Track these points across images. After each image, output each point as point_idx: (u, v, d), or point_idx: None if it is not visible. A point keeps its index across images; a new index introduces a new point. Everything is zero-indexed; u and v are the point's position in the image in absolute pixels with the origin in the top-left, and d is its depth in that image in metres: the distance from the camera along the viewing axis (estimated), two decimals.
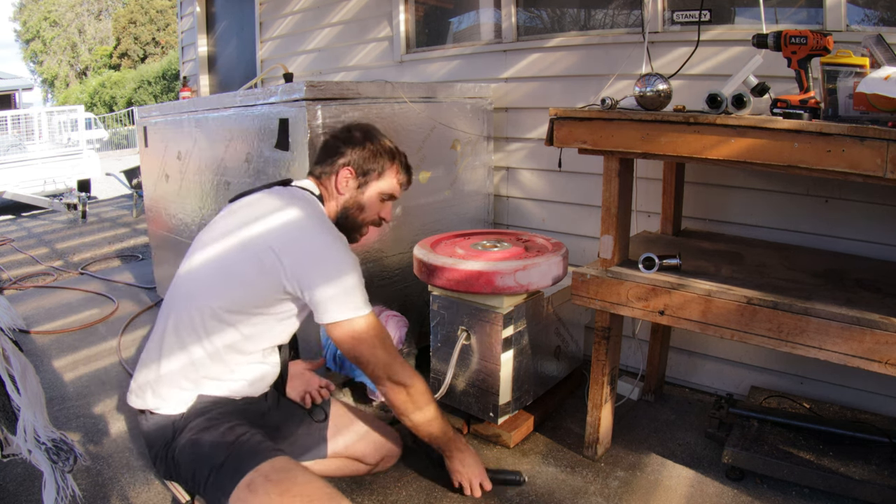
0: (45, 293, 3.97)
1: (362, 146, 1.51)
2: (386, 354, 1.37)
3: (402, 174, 1.57)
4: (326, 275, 1.30)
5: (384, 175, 1.53)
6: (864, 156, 1.31)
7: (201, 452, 1.24)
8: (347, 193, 1.50)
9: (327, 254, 1.32)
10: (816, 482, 1.71)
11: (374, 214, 1.55)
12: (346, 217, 1.51)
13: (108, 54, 28.52)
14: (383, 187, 1.53)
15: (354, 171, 1.50)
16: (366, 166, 1.50)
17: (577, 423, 2.18)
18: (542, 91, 2.74)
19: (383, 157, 1.52)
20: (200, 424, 1.29)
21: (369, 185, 1.51)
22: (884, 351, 1.37)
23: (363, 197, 1.51)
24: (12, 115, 9.61)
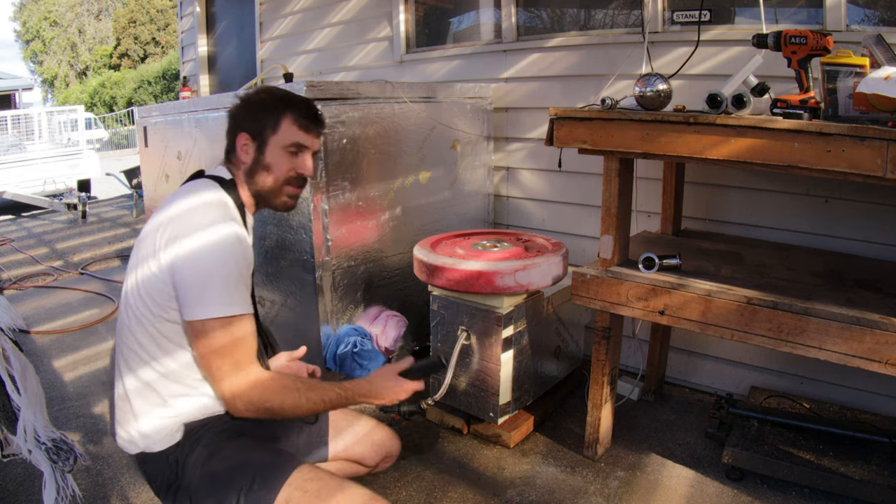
0: (45, 293, 3.97)
1: (248, 106, 1.38)
2: (233, 370, 1.20)
3: (302, 118, 1.37)
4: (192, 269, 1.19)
5: (280, 126, 1.36)
6: (864, 156, 1.31)
7: (220, 481, 1.21)
8: (249, 159, 1.37)
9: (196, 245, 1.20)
10: (816, 482, 1.71)
11: (286, 171, 1.37)
12: (256, 183, 1.38)
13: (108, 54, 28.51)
14: (284, 139, 1.36)
15: (249, 133, 1.36)
16: (257, 125, 1.36)
17: (577, 423, 2.18)
18: (542, 91, 2.74)
19: (274, 107, 1.36)
20: (203, 455, 1.25)
21: (268, 142, 1.36)
22: (884, 351, 1.37)
23: (265, 157, 1.36)
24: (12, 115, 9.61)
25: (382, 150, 2.35)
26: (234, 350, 1.20)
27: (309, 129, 1.39)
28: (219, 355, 1.20)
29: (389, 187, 2.40)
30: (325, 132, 2.12)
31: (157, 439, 1.26)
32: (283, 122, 1.36)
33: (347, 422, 1.62)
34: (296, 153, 1.38)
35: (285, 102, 1.38)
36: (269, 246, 2.38)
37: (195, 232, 1.20)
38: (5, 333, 1.60)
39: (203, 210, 1.24)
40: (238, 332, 1.21)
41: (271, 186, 1.38)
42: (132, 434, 1.27)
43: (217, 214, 1.24)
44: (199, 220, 1.22)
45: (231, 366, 1.20)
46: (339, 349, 2.20)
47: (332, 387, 1.34)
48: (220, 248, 1.21)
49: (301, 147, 1.38)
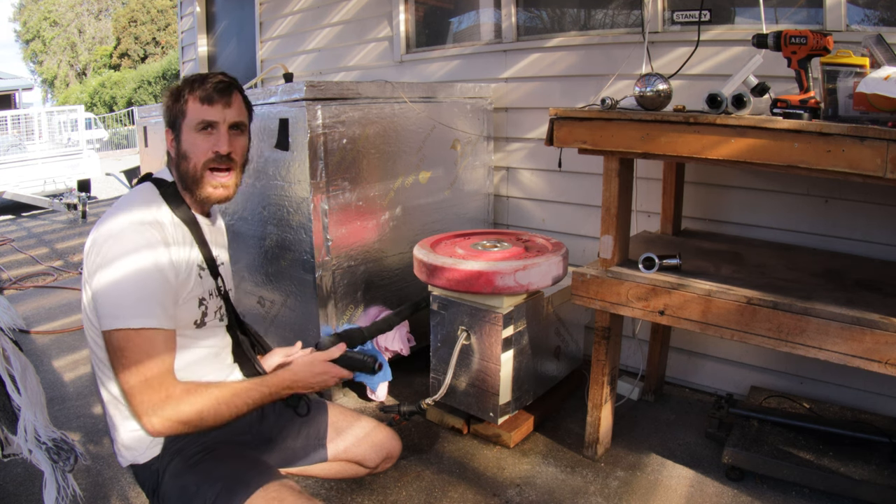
0: (45, 293, 3.97)
1: (164, 100, 1.34)
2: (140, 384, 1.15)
3: (203, 91, 1.30)
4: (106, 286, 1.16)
5: (187, 108, 1.30)
6: (864, 156, 1.31)
7: (189, 492, 1.22)
8: (173, 152, 1.33)
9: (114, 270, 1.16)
10: (816, 482, 1.71)
11: (202, 154, 1.30)
12: (183, 174, 1.32)
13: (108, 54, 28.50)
14: (192, 120, 1.30)
15: (169, 127, 1.33)
16: (172, 115, 1.32)
17: (577, 423, 2.18)
18: (542, 91, 2.74)
19: (179, 92, 1.31)
20: (179, 466, 1.25)
21: (181, 129, 1.31)
22: (884, 351, 1.37)
23: (183, 146, 1.31)
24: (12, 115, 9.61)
25: (382, 150, 2.35)
26: (141, 367, 1.15)
27: (213, 100, 1.29)
28: (126, 370, 1.15)
29: (389, 187, 2.40)
30: (325, 132, 2.12)
31: (139, 451, 1.26)
32: (188, 104, 1.30)
33: (348, 422, 1.61)
34: (209, 132, 1.30)
35: (187, 83, 1.32)
36: (269, 246, 2.38)
37: (112, 261, 1.16)
38: (5, 333, 1.60)
39: (122, 236, 1.19)
40: (146, 347, 1.15)
41: (194, 175, 1.30)
42: (118, 444, 1.28)
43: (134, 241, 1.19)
44: (116, 248, 1.17)
45: (139, 382, 1.15)
46: None
47: (254, 384, 1.28)
48: (131, 270, 1.16)
49: (211, 123, 1.30)
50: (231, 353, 1.46)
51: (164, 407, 1.15)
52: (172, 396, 1.16)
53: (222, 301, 1.40)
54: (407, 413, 2.03)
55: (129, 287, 1.15)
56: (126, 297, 1.15)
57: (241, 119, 1.34)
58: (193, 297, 1.30)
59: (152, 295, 1.17)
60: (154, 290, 1.18)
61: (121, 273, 1.15)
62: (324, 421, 1.57)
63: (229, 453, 1.30)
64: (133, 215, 1.22)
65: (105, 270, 1.16)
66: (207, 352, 1.36)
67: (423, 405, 2.03)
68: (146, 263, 1.17)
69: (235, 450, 1.32)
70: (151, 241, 1.20)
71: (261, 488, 1.20)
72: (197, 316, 1.31)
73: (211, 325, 1.36)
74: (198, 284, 1.31)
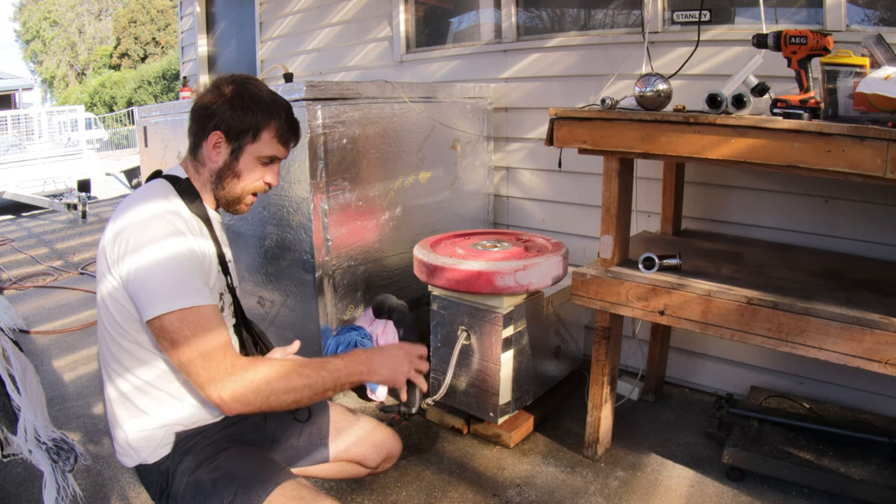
0: (45, 293, 3.97)
1: (231, 103, 1.26)
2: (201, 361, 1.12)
3: (285, 131, 1.30)
4: (142, 275, 1.14)
5: (261, 136, 1.27)
6: (864, 156, 1.31)
7: (204, 492, 1.20)
8: (220, 161, 1.28)
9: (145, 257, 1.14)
10: (816, 482, 1.71)
11: (255, 180, 1.31)
12: (223, 188, 1.31)
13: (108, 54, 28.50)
14: (262, 150, 1.28)
15: (225, 133, 1.26)
16: (237, 126, 1.26)
17: (577, 423, 2.18)
18: (542, 91, 2.74)
19: (258, 112, 1.27)
20: (191, 465, 1.23)
21: (244, 149, 1.28)
22: (884, 351, 1.37)
23: (238, 165, 1.28)
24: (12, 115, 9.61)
25: (382, 150, 2.35)
26: (199, 342, 1.13)
27: (288, 143, 1.32)
28: (185, 350, 1.12)
29: (389, 187, 2.40)
30: (325, 132, 2.12)
31: (146, 451, 1.25)
32: (264, 132, 1.28)
33: (348, 422, 1.61)
34: (267, 164, 1.32)
35: (270, 112, 1.28)
36: (269, 246, 2.38)
37: (144, 246, 1.14)
38: (5, 333, 1.60)
39: (150, 223, 1.17)
40: (200, 321, 1.13)
41: (237, 194, 1.32)
42: (122, 443, 1.27)
43: (163, 228, 1.18)
44: (146, 235, 1.15)
45: (202, 358, 1.12)
46: (339, 349, 2.21)
47: (329, 360, 1.23)
48: (167, 254, 1.15)
49: (275, 159, 1.33)
50: (238, 350, 1.46)
51: (232, 376, 1.12)
52: (238, 366, 1.13)
53: (231, 298, 1.40)
54: (407, 413, 2.03)
55: (168, 270, 1.14)
56: (168, 279, 1.13)
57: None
58: (216, 291, 1.30)
59: (194, 275, 1.16)
60: (192, 270, 1.17)
61: (156, 257, 1.14)
62: (325, 421, 1.57)
63: (241, 453, 1.29)
64: (154, 206, 1.21)
65: (136, 257, 1.14)
66: None
67: (423, 405, 2.03)
68: (181, 247, 1.17)
69: (247, 450, 1.32)
70: (179, 227, 1.19)
71: (278, 487, 1.19)
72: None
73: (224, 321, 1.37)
74: (219, 278, 1.32)
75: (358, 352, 1.31)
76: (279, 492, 1.19)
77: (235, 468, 1.23)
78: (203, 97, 1.29)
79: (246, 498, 1.18)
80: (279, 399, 1.15)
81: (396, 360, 1.32)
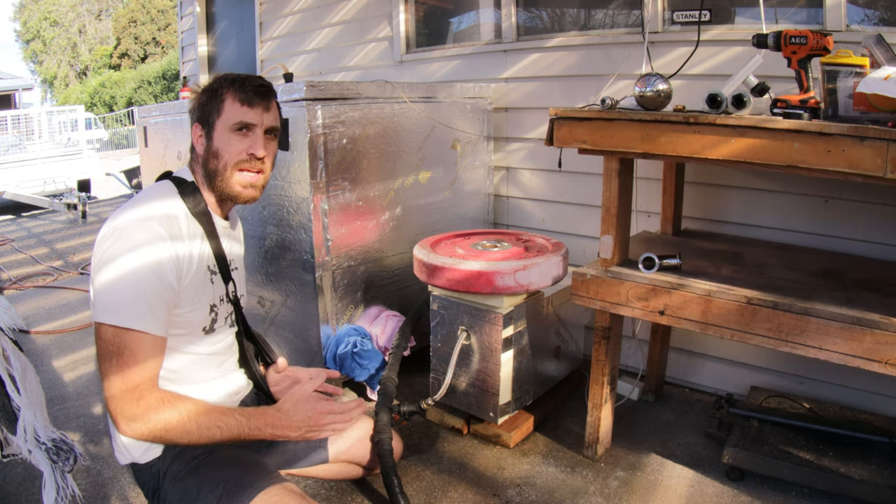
0: (45, 293, 3.97)
1: (199, 96, 1.32)
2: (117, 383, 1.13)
3: (243, 92, 1.29)
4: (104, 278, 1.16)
5: (223, 106, 1.29)
6: (864, 156, 1.31)
7: (191, 495, 1.22)
8: (202, 150, 1.31)
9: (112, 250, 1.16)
10: (816, 482, 1.71)
11: (235, 154, 1.29)
12: (210, 171, 1.31)
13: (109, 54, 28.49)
14: (228, 119, 1.29)
15: (200, 123, 1.31)
16: (206, 111, 1.30)
17: (577, 423, 2.18)
18: (542, 91, 2.74)
19: (216, 89, 1.30)
20: (181, 468, 1.24)
21: (215, 127, 1.29)
22: (884, 351, 1.37)
23: (214, 143, 1.29)
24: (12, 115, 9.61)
25: (382, 150, 2.35)
26: (122, 363, 1.13)
27: (253, 102, 1.29)
28: (107, 362, 1.14)
29: (389, 187, 2.40)
30: (325, 132, 2.12)
31: (138, 451, 1.26)
32: (225, 102, 1.29)
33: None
34: (245, 133, 1.30)
35: (227, 81, 1.30)
36: (269, 246, 2.38)
37: (115, 257, 1.16)
38: (5, 333, 1.60)
39: (128, 232, 1.17)
40: (132, 346, 1.14)
41: (223, 173, 1.30)
42: (117, 442, 1.28)
43: (142, 235, 1.17)
44: (120, 246, 1.16)
45: (121, 384, 1.13)
46: (339, 349, 2.20)
47: (233, 413, 1.23)
48: (135, 267, 1.15)
49: (248, 125, 1.29)
50: (237, 359, 1.46)
51: (135, 414, 1.13)
52: (150, 408, 1.14)
53: (233, 307, 1.39)
54: (407, 413, 2.03)
55: (124, 285, 1.15)
56: (120, 294, 1.15)
57: (276, 125, 1.35)
58: (204, 303, 1.29)
59: (143, 297, 1.16)
60: (147, 293, 1.16)
61: (119, 271, 1.15)
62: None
63: (230, 455, 1.29)
64: (143, 210, 1.22)
65: (106, 266, 1.16)
66: (211, 355, 1.36)
67: (423, 405, 2.03)
68: (145, 263, 1.16)
69: (236, 452, 1.32)
70: (154, 237, 1.18)
71: (262, 491, 1.20)
72: (206, 322, 1.31)
73: (220, 331, 1.36)
74: (209, 289, 1.30)
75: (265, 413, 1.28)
76: (263, 496, 1.19)
77: (221, 472, 1.24)
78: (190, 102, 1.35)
79: (229, 501, 1.18)
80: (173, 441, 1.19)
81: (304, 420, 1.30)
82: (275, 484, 1.23)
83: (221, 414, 1.21)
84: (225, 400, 1.38)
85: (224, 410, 1.23)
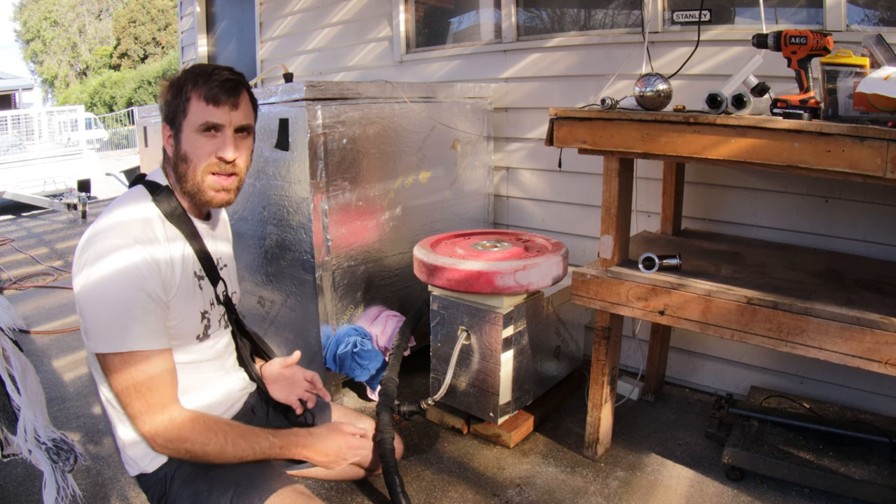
0: (45, 293, 3.97)
1: (164, 93, 1.21)
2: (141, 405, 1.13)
3: (209, 89, 1.18)
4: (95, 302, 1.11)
5: (189, 107, 1.18)
6: (864, 156, 1.31)
7: (201, 497, 1.21)
8: (171, 152, 1.23)
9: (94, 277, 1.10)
10: (816, 482, 1.71)
11: (204, 157, 1.20)
12: (181, 176, 1.22)
13: (109, 54, 28.50)
14: (195, 120, 1.19)
15: (167, 123, 1.22)
16: (171, 109, 1.20)
17: (577, 423, 2.18)
18: (542, 91, 2.74)
19: (181, 87, 1.19)
20: (188, 471, 1.24)
21: (182, 128, 1.20)
22: (884, 351, 1.37)
23: (182, 146, 1.20)
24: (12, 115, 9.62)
25: (382, 150, 2.35)
26: (141, 387, 1.13)
27: (219, 100, 1.18)
28: (125, 393, 1.13)
29: (389, 187, 2.40)
30: (325, 132, 2.12)
31: (145, 461, 1.25)
32: (191, 101, 1.18)
33: (349, 423, 1.61)
34: (213, 134, 1.20)
35: (190, 78, 1.19)
36: (269, 246, 2.38)
37: (95, 263, 1.11)
38: (5, 333, 1.60)
39: (110, 235, 1.13)
40: (143, 368, 1.13)
41: (193, 178, 1.21)
42: (122, 453, 1.27)
43: (120, 242, 1.12)
44: (101, 248, 1.12)
45: (141, 405, 1.14)
46: (339, 349, 2.20)
47: (267, 434, 1.26)
48: (114, 285, 1.10)
49: (216, 126, 1.19)
50: (235, 357, 1.45)
51: (168, 432, 1.16)
52: (178, 423, 1.16)
53: (225, 308, 1.38)
54: (407, 413, 2.03)
55: (110, 308, 1.11)
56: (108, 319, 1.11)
57: (248, 122, 1.26)
58: (194, 311, 1.26)
59: (132, 314, 1.12)
60: (135, 308, 1.12)
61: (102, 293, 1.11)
62: (327, 422, 1.57)
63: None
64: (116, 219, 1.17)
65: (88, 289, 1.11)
66: (209, 360, 1.35)
67: (423, 405, 2.03)
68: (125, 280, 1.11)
69: None
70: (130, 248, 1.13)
71: (273, 493, 1.19)
72: (199, 330, 1.29)
73: (214, 335, 1.34)
74: (198, 296, 1.27)
75: (297, 436, 1.32)
76: (274, 499, 1.19)
77: (231, 474, 1.23)
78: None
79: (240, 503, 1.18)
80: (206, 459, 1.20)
81: (336, 450, 1.36)
82: (286, 486, 1.23)
83: (255, 436, 1.25)
84: (227, 400, 1.38)
85: (258, 433, 1.26)
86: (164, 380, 1.17)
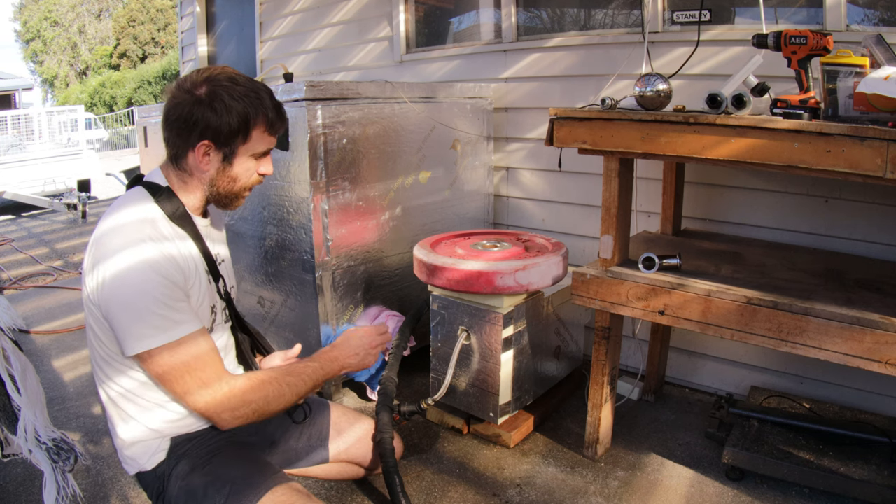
0: (45, 293, 3.97)
1: (212, 107, 1.17)
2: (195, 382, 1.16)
3: (275, 121, 1.24)
4: (122, 301, 1.12)
5: (251, 134, 1.21)
6: (864, 156, 1.31)
7: (197, 495, 1.21)
8: (212, 169, 1.23)
9: (114, 276, 1.11)
10: (816, 482, 1.71)
11: (253, 176, 1.28)
12: (218, 192, 1.26)
13: (109, 54, 28.50)
14: (255, 148, 1.24)
15: (213, 141, 1.20)
16: (226, 131, 1.19)
17: (577, 423, 2.18)
18: (542, 91, 2.74)
19: (244, 111, 1.19)
20: (185, 469, 1.24)
21: (237, 152, 1.22)
22: (884, 351, 1.37)
23: (233, 168, 1.24)
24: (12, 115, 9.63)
25: (382, 150, 2.35)
26: (193, 370, 1.15)
27: (276, 129, 1.27)
28: (180, 379, 1.15)
29: (389, 187, 2.40)
30: (325, 132, 2.12)
31: (144, 458, 1.25)
32: (254, 130, 1.22)
33: (348, 423, 1.61)
34: (261, 157, 1.28)
35: (255, 106, 1.21)
36: (269, 246, 2.38)
37: (110, 259, 1.12)
38: (5, 333, 1.60)
39: (120, 233, 1.14)
40: (191, 351, 1.15)
41: (235, 192, 1.28)
42: (121, 452, 1.27)
43: (132, 238, 1.14)
44: (114, 246, 1.13)
45: (198, 385, 1.16)
46: None
47: (305, 363, 1.33)
48: (136, 278, 1.11)
49: (268, 151, 1.29)
50: (235, 353, 1.46)
51: (230, 402, 1.18)
52: (236, 389, 1.19)
53: (225, 303, 1.39)
54: (407, 413, 2.03)
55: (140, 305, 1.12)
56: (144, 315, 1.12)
57: None
58: (206, 306, 1.28)
59: (165, 302, 1.14)
60: (166, 297, 1.14)
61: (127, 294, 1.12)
62: (326, 421, 1.57)
63: (235, 455, 1.29)
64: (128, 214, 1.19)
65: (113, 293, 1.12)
66: None
67: (423, 405, 2.03)
68: (145, 276, 1.13)
69: (241, 452, 1.32)
70: (151, 235, 1.16)
71: (269, 491, 1.19)
72: (208, 323, 1.30)
73: (217, 329, 1.35)
74: (208, 290, 1.29)
75: (325, 352, 1.39)
76: (270, 496, 1.19)
77: (227, 472, 1.23)
78: (177, 102, 1.19)
79: (236, 501, 1.18)
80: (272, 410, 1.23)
81: (359, 346, 1.43)
82: (282, 483, 1.23)
83: (298, 369, 1.30)
84: None
85: (297, 365, 1.32)
86: (212, 356, 1.20)
